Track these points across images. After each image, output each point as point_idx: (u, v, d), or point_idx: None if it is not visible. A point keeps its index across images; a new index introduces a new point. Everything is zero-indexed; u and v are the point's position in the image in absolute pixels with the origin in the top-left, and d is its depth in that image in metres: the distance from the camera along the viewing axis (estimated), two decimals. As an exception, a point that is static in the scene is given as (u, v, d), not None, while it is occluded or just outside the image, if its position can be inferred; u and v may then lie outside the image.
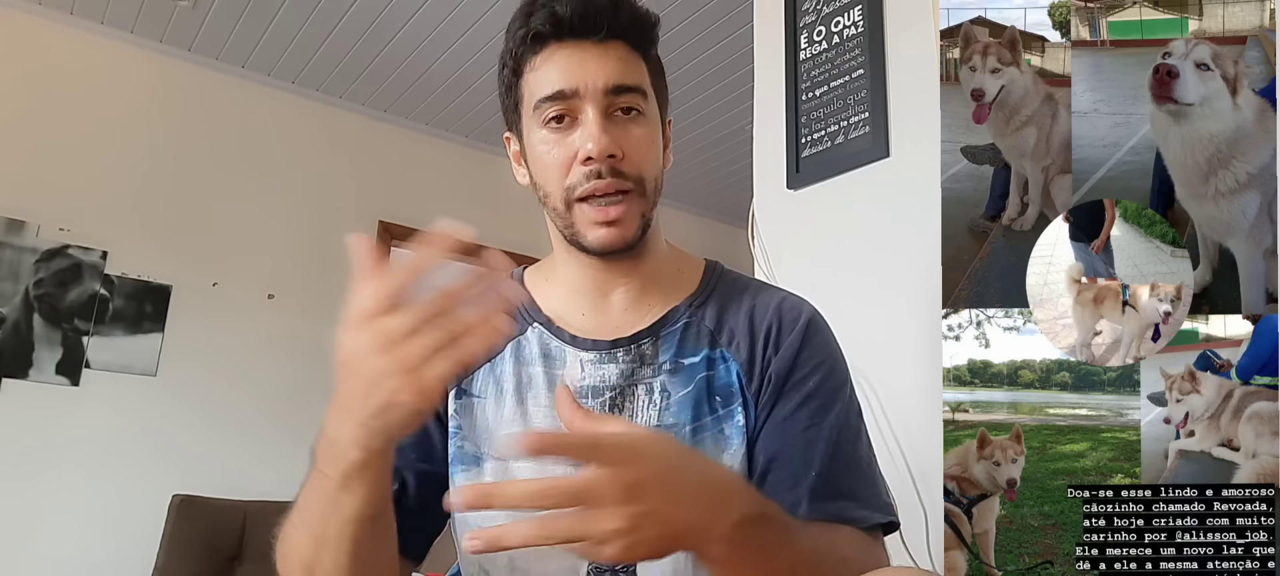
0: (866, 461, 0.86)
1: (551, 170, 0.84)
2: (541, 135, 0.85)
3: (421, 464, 0.88)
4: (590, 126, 0.82)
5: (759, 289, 0.95)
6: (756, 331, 0.89)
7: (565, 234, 0.87)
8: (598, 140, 0.81)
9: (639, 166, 0.84)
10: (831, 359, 0.89)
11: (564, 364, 0.89)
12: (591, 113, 0.82)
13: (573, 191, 0.83)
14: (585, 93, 0.82)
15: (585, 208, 0.83)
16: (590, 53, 0.83)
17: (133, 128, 3.23)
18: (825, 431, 0.84)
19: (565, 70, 0.83)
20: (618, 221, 0.83)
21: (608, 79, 0.83)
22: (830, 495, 0.81)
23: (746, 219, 1.92)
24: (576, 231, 0.85)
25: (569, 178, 0.83)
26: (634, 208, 0.84)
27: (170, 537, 2.84)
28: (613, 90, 0.83)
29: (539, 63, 0.84)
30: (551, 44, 0.84)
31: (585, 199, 0.83)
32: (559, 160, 0.84)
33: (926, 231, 1.46)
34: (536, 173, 0.87)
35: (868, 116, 1.68)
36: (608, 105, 0.83)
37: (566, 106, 0.83)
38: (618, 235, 0.83)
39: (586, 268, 0.90)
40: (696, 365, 0.88)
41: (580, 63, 0.83)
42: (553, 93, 0.83)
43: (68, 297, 3.02)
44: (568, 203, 0.84)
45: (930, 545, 1.39)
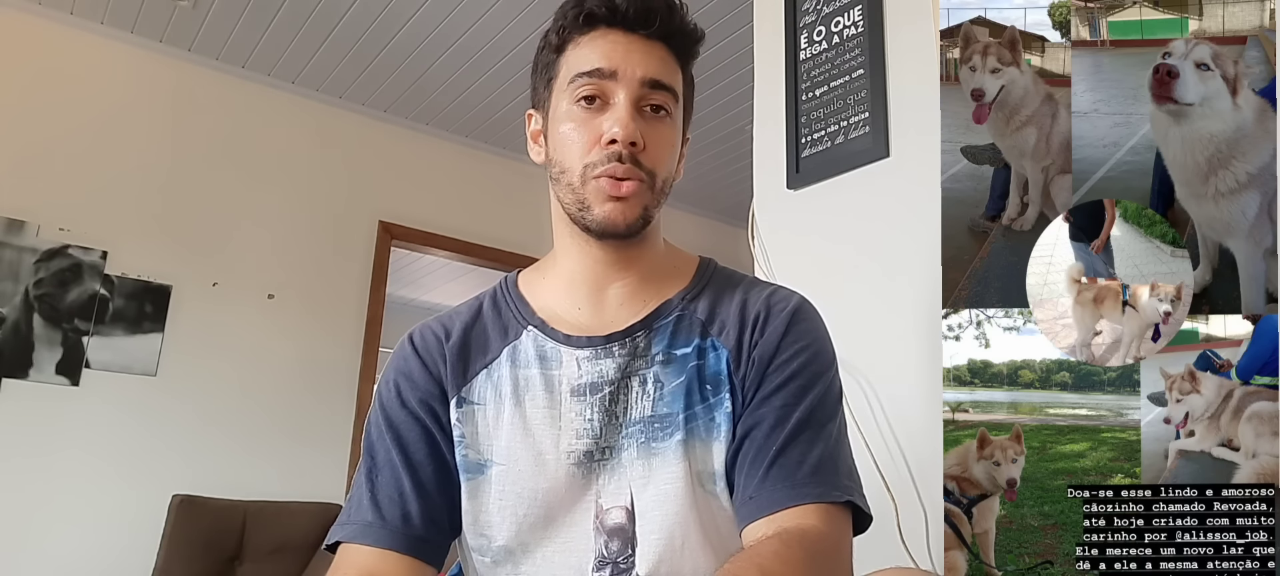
0: (835, 442, 0.86)
1: (574, 146, 0.86)
2: (570, 110, 0.87)
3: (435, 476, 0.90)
4: (620, 111, 0.84)
5: (753, 283, 0.96)
6: (746, 320, 0.90)
7: (572, 211, 0.88)
8: (625, 125, 0.83)
9: (655, 162, 0.86)
10: (816, 344, 0.90)
11: (560, 364, 0.90)
12: (623, 98, 0.85)
13: (592, 169, 0.85)
14: (622, 77, 0.85)
15: (600, 182, 0.85)
16: (636, 43, 0.86)
17: (133, 128, 3.23)
18: (800, 411, 0.84)
19: (608, 52, 0.86)
20: (626, 198, 0.85)
21: (646, 71, 0.86)
22: (792, 466, 0.82)
23: (746, 219, 1.92)
24: (586, 205, 0.86)
25: (590, 155, 0.85)
26: (641, 195, 0.86)
27: (170, 537, 2.84)
28: (649, 83, 0.86)
29: (585, 42, 0.87)
30: (602, 27, 0.87)
31: (600, 177, 0.84)
32: (583, 138, 0.85)
33: (926, 231, 1.46)
34: (557, 148, 0.88)
35: (868, 116, 1.68)
36: (640, 97, 0.86)
37: (600, 87, 0.85)
38: (622, 212, 0.85)
39: (586, 256, 0.91)
40: (688, 355, 0.89)
41: (625, 49, 0.86)
42: (592, 68, 0.85)
43: (68, 297, 3.02)
44: (583, 178, 0.85)
45: (930, 545, 1.39)
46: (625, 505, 0.86)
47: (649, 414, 0.87)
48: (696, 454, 0.86)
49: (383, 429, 0.91)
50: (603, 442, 0.87)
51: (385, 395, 0.93)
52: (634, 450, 0.86)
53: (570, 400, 0.89)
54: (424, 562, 0.87)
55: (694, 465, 0.85)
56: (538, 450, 0.88)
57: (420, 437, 0.90)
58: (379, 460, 0.90)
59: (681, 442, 0.85)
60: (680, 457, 0.85)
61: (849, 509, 0.83)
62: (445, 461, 0.90)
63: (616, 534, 0.86)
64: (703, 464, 0.86)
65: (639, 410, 0.87)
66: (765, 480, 0.82)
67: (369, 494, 0.88)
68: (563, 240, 0.93)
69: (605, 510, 0.86)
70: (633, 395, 0.88)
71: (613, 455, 0.87)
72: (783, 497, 0.80)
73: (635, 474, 0.86)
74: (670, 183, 0.90)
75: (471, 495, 0.89)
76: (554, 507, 0.87)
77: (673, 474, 0.85)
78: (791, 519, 0.79)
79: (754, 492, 0.82)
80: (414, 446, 0.90)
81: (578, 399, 0.88)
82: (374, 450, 0.91)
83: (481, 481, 0.89)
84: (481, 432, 0.90)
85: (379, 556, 0.85)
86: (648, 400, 0.88)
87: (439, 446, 0.90)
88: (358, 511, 0.88)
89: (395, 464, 0.89)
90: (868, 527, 0.86)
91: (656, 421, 0.87)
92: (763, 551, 0.74)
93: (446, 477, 0.90)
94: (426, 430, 0.90)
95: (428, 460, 0.90)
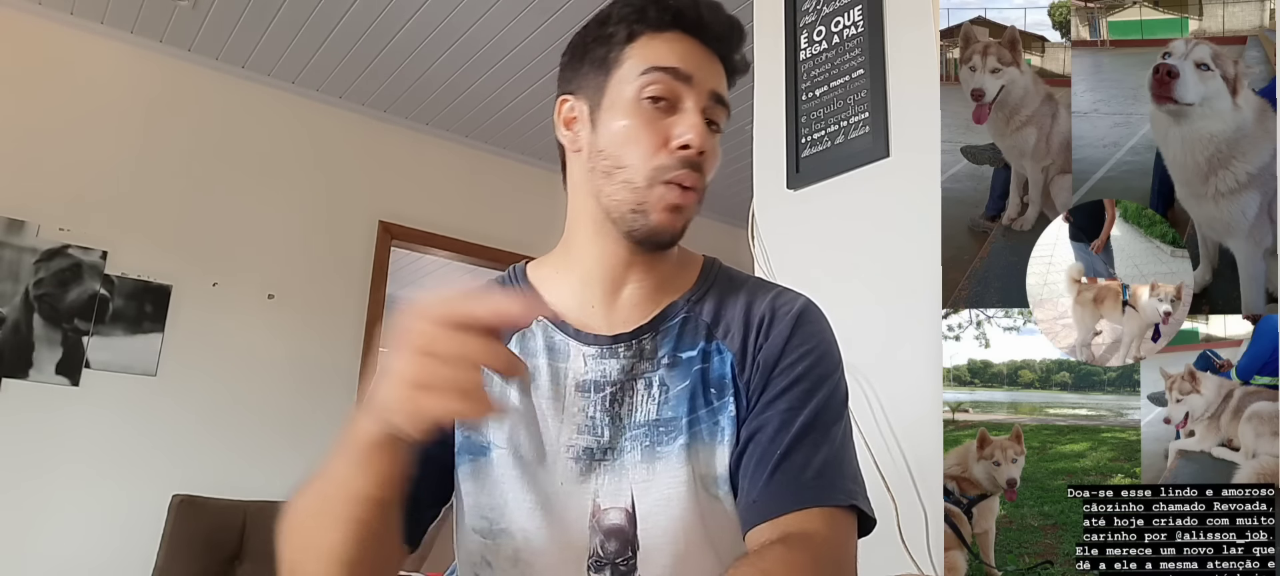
0: (840, 445, 0.86)
1: (639, 145, 0.85)
2: (637, 105, 0.86)
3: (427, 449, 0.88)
4: (694, 117, 0.85)
5: (758, 285, 0.96)
6: (750, 322, 0.90)
7: (621, 209, 0.86)
8: (700, 133, 0.84)
9: (709, 175, 0.88)
10: (822, 347, 0.89)
11: (568, 358, 0.90)
12: (694, 105, 0.85)
13: (662, 172, 0.84)
14: (697, 84, 0.86)
15: (670, 188, 0.84)
16: (708, 57, 0.88)
17: (133, 127, 3.23)
18: (805, 415, 0.84)
19: (687, 56, 0.86)
20: (684, 207, 0.85)
21: (715, 85, 0.87)
22: (796, 470, 0.81)
23: (746, 219, 1.92)
24: (644, 208, 0.85)
25: (660, 159, 0.84)
26: (692, 208, 0.87)
27: (170, 537, 2.84)
28: (716, 98, 0.87)
29: (660, 40, 0.87)
30: (677, 30, 0.87)
31: (670, 183, 0.84)
32: (651, 138, 0.85)
33: (926, 231, 1.46)
34: (614, 141, 0.86)
35: (868, 116, 1.68)
36: (707, 109, 0.86)
37: (673, 88, 0.85)
38: (676, 222, 0.86)
39: (609, 256, 0.89)
40: (693, 358, 0.89)
41: (702, 59, 0.87)
42: (671, 66, 0.85)
43: (68, 297, 3.02)
44: (651, 181, 0.84)
45: (930, 545, 1.39)
46: (625, 507, 0.86)
47: (653, 417, 0.87)
48: (700, 458, 0.86)
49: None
50: (605, 443, 0.87)
51: None
52: (637, 453, 0.86)
53: (574, 394, 0.88)
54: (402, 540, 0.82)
55: (697, 469, 0.85)
56: (539, 439, 0.88)
57: None
58: None
59: (685, 446, 0.85)
60: (683, 462, 0.85)
61: (853, 512, 0.83)
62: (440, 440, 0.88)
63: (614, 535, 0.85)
64: (706, 468, 0.86)
65: (643, 413, 0.87)
66: (769, 484, 0.81)
67: None
68: (584, 236, 0.91)
69: (603, 510, 0.86)
70: (637, 398, 0.88)
71: (615, 457, 0.87)
72: (787, 502, 0.80)
73: (638, 477, 0.86)
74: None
75: (473, 477, 0.89)
76: (550, 498, 0.87)
77: (676, 478, 0.85)
78: (795, 523, 0.79)
79: (758, 497, 0.82)
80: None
81: (582, 395, 0.88)
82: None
83: (484, 463, 0.88)
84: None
85: None
86: (652, 403, 0.87)
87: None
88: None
89: None
90: (872, 530, 0.86)
91: (661, 425, 0.86)
92: (766, 556, 0.74)
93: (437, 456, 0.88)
94: None
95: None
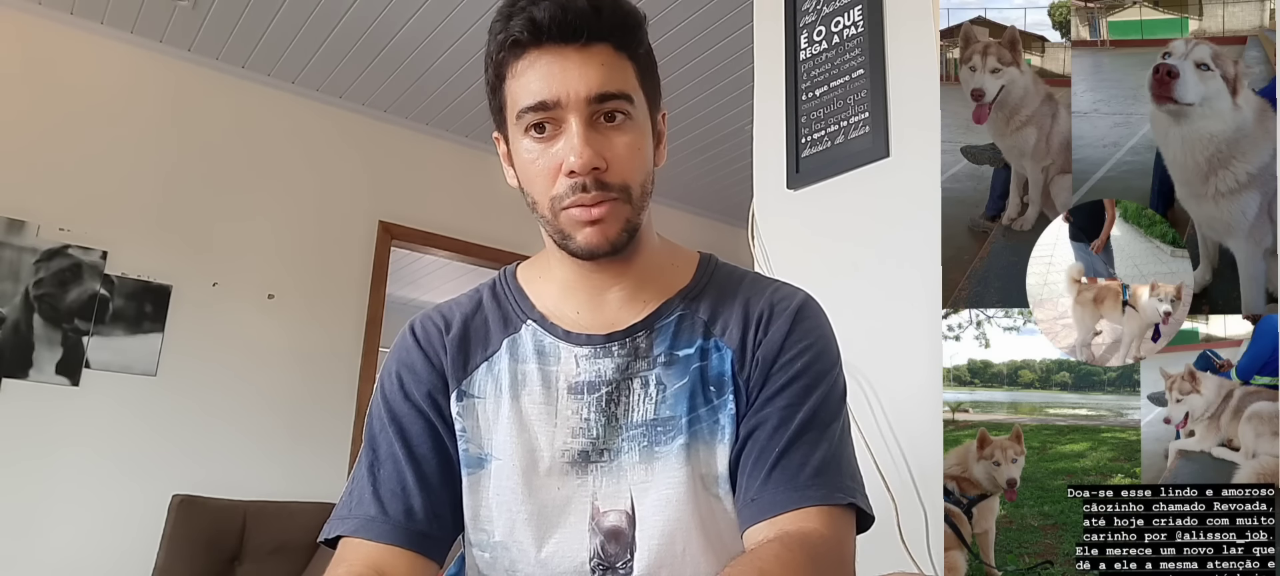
0: (838, 442, 0.86)
1: (537, 179, 0.83)
2: (525, 144, 0.84)
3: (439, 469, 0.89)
4: (573, 138, 0.80)
5: (755, 281, 0.95)
6: (749, 319, 0.89)
7: (552, 237, 0.87)
8: (581, 154, 0.79)
9: (624, 175, 0.82)
10: (820, 343, 0.89)
11: (558, 360, 0.89)
12: (574, 123, 0.80)
13: (560, 201, 0.82)
14: (567, 103, 0.80)
15: (572, 212, 0.82)
16: (572, 60, 0.80)
17: (133, 127, 3.22)
18: (803, 412, 0.84)
19: (546, 79, 0.80)
20: (601, 221, 0.82)
21: (589, 88, 0.80)
22: (794, 468, 0.81)
23: (746, 219, 1.92)
24: (565, 235, 0.84)
25: (555, 188, 0.82)
26: (618, 212, 0.83)
27: (170, 537, 2.84)
28: (595, 99, 0.80)
29: (520, 69, 0.82)
30: (531, 50, 0.81)
31: (570, 208, 0.82)
32: (544, 169, 0.82)
33: (926, 231, 1.46)
34: (523, 179, 0.86)
35: (868, 116, 1.68)
36: (591, 114, 0.80)
37: (548, 116, 0.81)
38: (601, 235, 0.82)
39: (579, 268, 0.89)
40: (691, 356, 0.88)
41: (562, 71, 0.80)
42: (534, 103, 0.80)
43: (68, 298, 3.02)
44: (554, 211, 0.83)
45: (930, 545, 1.39)
46: (624, 509, 0.85)
47: (651, 416, 0.86)
48: (700, 457, 0.85)
49: (385, 421, 0.90)
50: (601, 444, 0.87)
51: (388, 386, 0.92)
52: (635, 454, 0.86)
53: (567, 397, 0.88)
54: (427, 558, 0.86)
55: (697, 468, 0.85)
56: (533, 446, 0.87)
57: (424, 430, 0.90)
58: (381, 453, 0.90)
59: (685, 446, 0.85)
60: (683, 461, 0.85)
61: (852, 510, 0.83)
62: (448, 454, 0.90)
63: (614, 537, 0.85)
64: (706, 467, 0.85)
65: (640, 413, 0.87)
66: (767, 482, 0.81)
67: (371, 487, 0.87)
68: (553, 252, 0.91)
69: (602, 512, 0.86)
70: (634, 397, 0.87)
71: (612, 457, 0.86)
72: (785, 500, 0.80)
73: (636, 477, 0.85)
74: (650, 182, 0.87)
75: (472, 489, 0.89)
76: (548, 505, 0.86)
77: (675, 478, 0.84)
78: (793, 521, 0.79)
79: (756, 495, 0.82)
80: (417, 439, 0.89)
81: (575, 397, 0.88)
82: (376, 443, 0.90)
83: (481, 475, 0.88)
84: (482, 426, 0.89)
85: (382, 551, 0.84)
86: (650, 403, 0.87)
87: (442, 439, 0.90)
88: (360, 505, 0.87)
89: (398, 457, 0.88)
90: (870, 527, 0.86)
91: (659, 424, 0.86)
92: (764, 554, 0.74)
93: (449, 471, 0.90)
94: (429, 423, 0.90)
95: (431, 453, 0.89)
